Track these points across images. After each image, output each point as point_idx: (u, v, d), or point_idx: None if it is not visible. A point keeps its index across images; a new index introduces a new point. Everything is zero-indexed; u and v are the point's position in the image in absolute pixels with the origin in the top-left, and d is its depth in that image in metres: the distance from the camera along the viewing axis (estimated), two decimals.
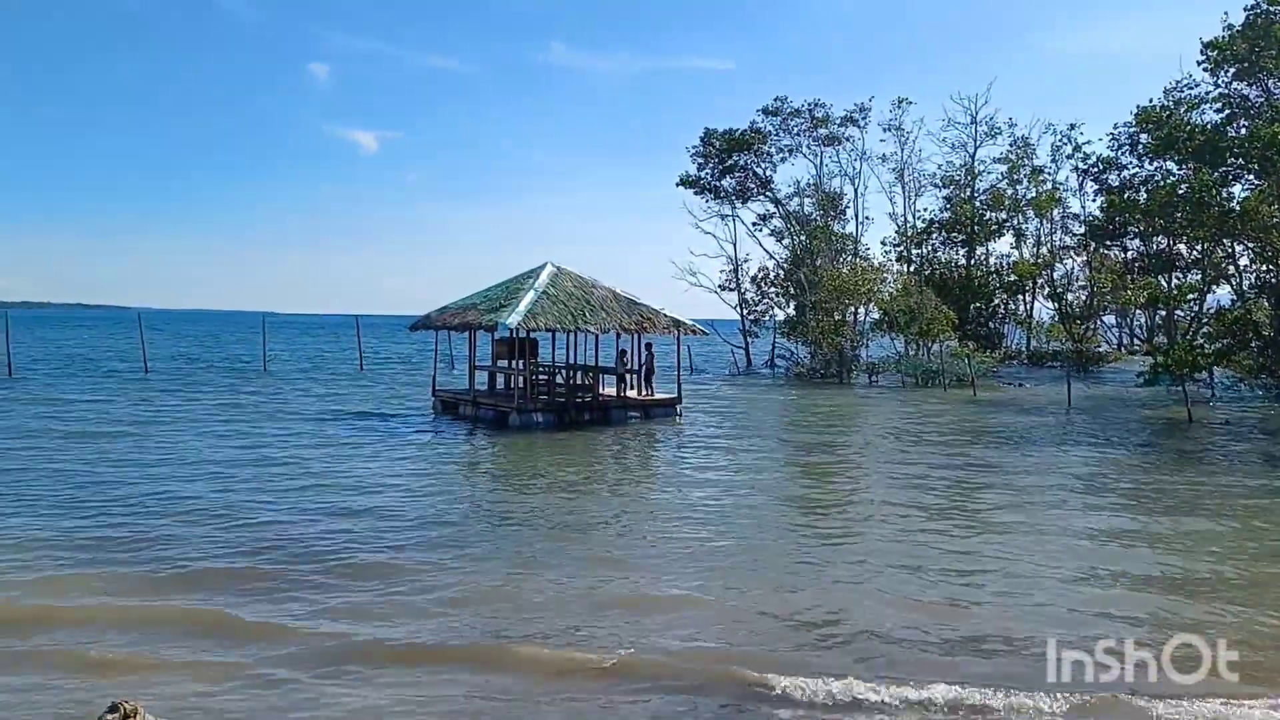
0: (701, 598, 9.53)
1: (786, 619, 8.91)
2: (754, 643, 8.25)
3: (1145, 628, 8.59)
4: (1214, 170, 34.81)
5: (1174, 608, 9.19)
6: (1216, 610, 9.05)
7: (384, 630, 8.43)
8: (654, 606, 9.25)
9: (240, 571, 10.25)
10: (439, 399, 26.85)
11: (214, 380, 36.97)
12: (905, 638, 8.32)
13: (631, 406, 25.62)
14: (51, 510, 13.01)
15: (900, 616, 8.87)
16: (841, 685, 7.01)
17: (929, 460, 18.74)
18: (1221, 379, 32.44)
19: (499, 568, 10.60)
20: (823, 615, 9.00)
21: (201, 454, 18.18)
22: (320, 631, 8.40)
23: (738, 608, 9.23)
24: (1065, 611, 9.00)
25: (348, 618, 8.76)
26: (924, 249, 52.49)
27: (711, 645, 8.19)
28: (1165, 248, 44.47)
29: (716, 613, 9.08)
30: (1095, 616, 8.85)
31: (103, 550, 10.96)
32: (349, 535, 11.88)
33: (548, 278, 24.45)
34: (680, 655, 7.85)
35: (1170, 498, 15.08)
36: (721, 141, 49.61)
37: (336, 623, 8.62)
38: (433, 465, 18.27)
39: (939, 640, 8.25)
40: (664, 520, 13.31)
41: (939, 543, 11.72)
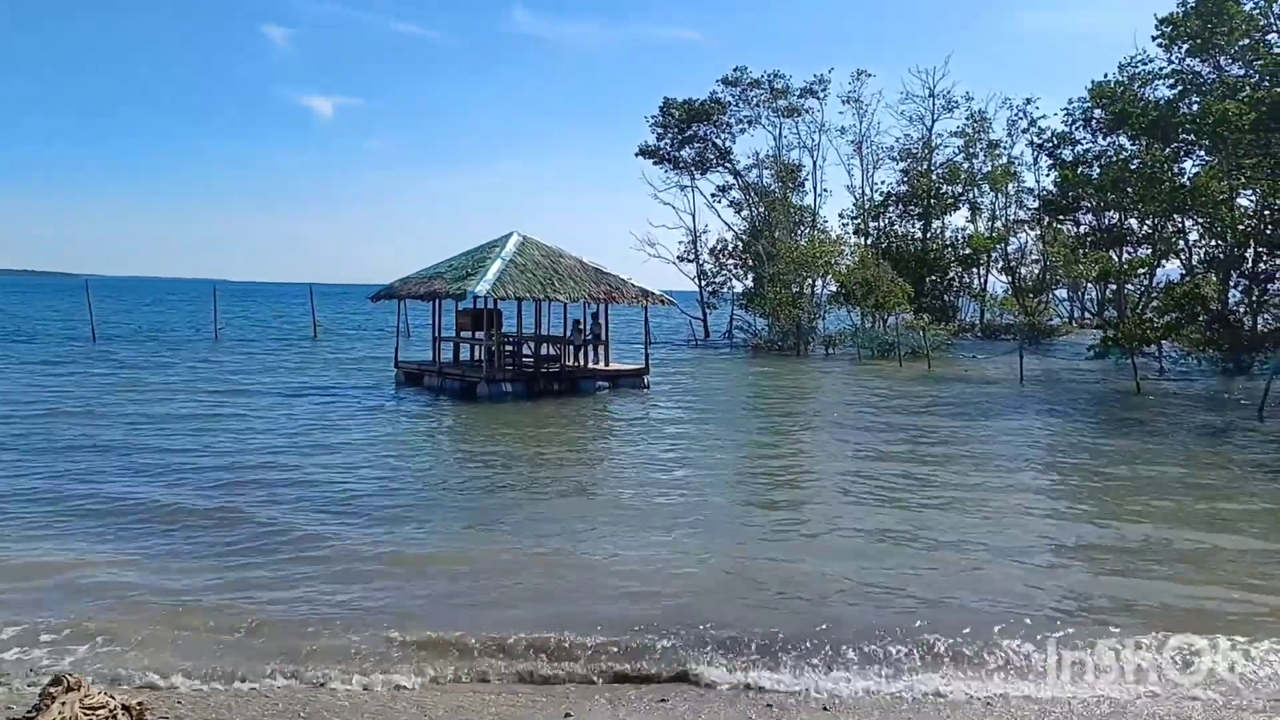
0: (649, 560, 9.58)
1: (736, 588, 8.89)
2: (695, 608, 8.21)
3: (1092, 600, 8.69)
4: (1166, 146, 35.59)
5: (1113, 575, 9.38)
6: (1159, 583, 9.20)
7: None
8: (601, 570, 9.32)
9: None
10: (402, 370, 26.54)
11: (163, 350, 36.21)
12: (848, 607, 8.31)
13: (600, 376, 25.62)
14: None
15: (847, 584, 8.90)
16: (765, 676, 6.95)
17: (883, 431, 18.94)
18: (1170, 352, 33.18)
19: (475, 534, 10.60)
20: (766, 584, 8.98)
21: (146, 433, 17.38)
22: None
23: (690, 572, 9.25)
24: (1014, 582, 9.05)
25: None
26: (881, 222, 53.00)
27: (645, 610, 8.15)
28: (1117, 222, 45.38)
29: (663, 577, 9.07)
30: (1033, 588, 8.90)
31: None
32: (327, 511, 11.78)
33: (514, 247, 24.26)
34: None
35: (1117, 466, 15.30)
36: (681, 111, 49.45)
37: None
38: (416, 435, 18.20)
39: (887, 610, 8.23)
40: (630, 486, 13.38)
41: (890, 512, 11.81)
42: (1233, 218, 32.87)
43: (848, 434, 18.69)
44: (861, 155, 52.24)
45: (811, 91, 49.23)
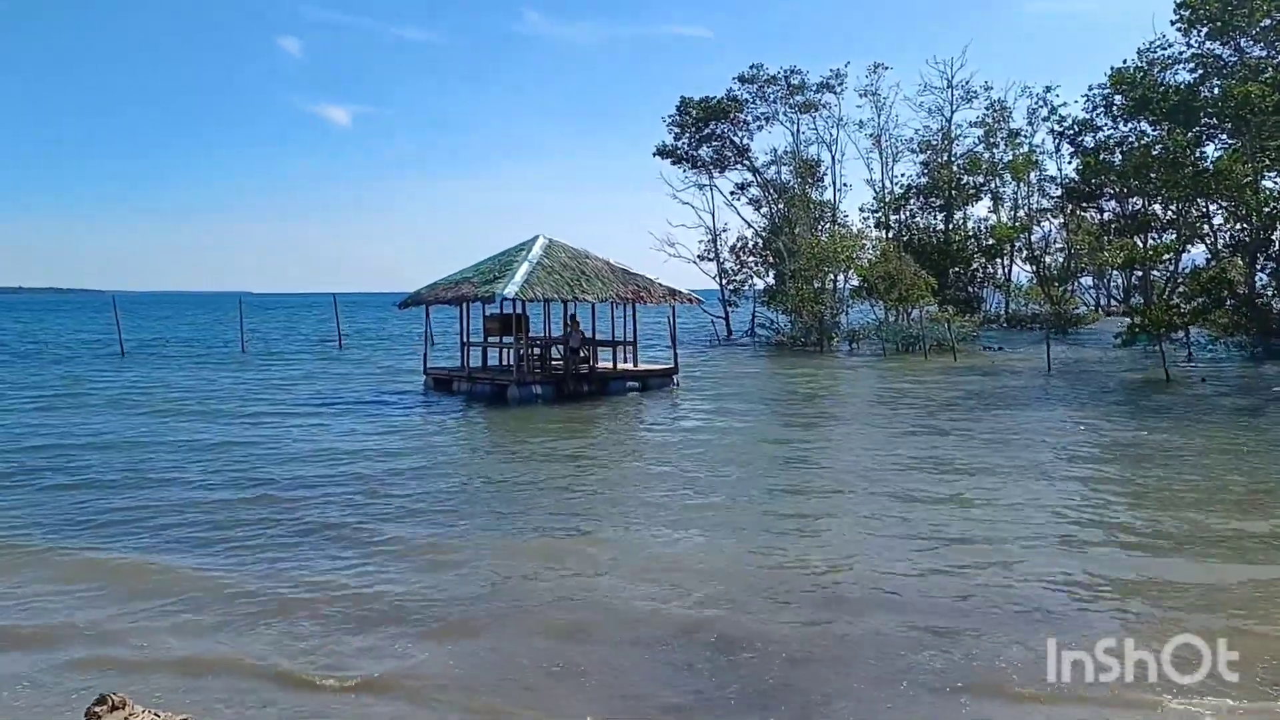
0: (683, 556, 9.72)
1: (767, 580, 8.98)
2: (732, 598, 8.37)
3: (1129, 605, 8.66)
4: (1188, 130, 35.30)
5: (1146, 566, 9.24)
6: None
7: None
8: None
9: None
10: (431, 376, 26.77)
11: (189, 362, 36.72)
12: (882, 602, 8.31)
13: (630, 377, 25.75)
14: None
15: (880, 579, 8.90)
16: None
17: (912, 425, 18.86)
18: (1198, 338, 32.99)
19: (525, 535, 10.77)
20: (800, 577, 9.04)
21: (180, 437, 17.86)
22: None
23: (720, 568, 9.36)
24: (1045, 578, 8.89)
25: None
26: (902, 215, 52.87)
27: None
28: (1141, 208, 45.05)
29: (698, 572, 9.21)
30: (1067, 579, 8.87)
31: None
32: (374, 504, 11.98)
33: (540, 249, 24.44)
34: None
35: (1148, 456, 15.19)
36: (698, 110, 49.57)
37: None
38: (452, 438, 18.48)
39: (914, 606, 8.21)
40: (662, 483, 13.47)
41: (921, 511, 11.61)
42: (1258, 200, 32.61)
43: (877, 429, 18.72)
44: (880, 148, 52.25)
45: (829, 86, 49.26)
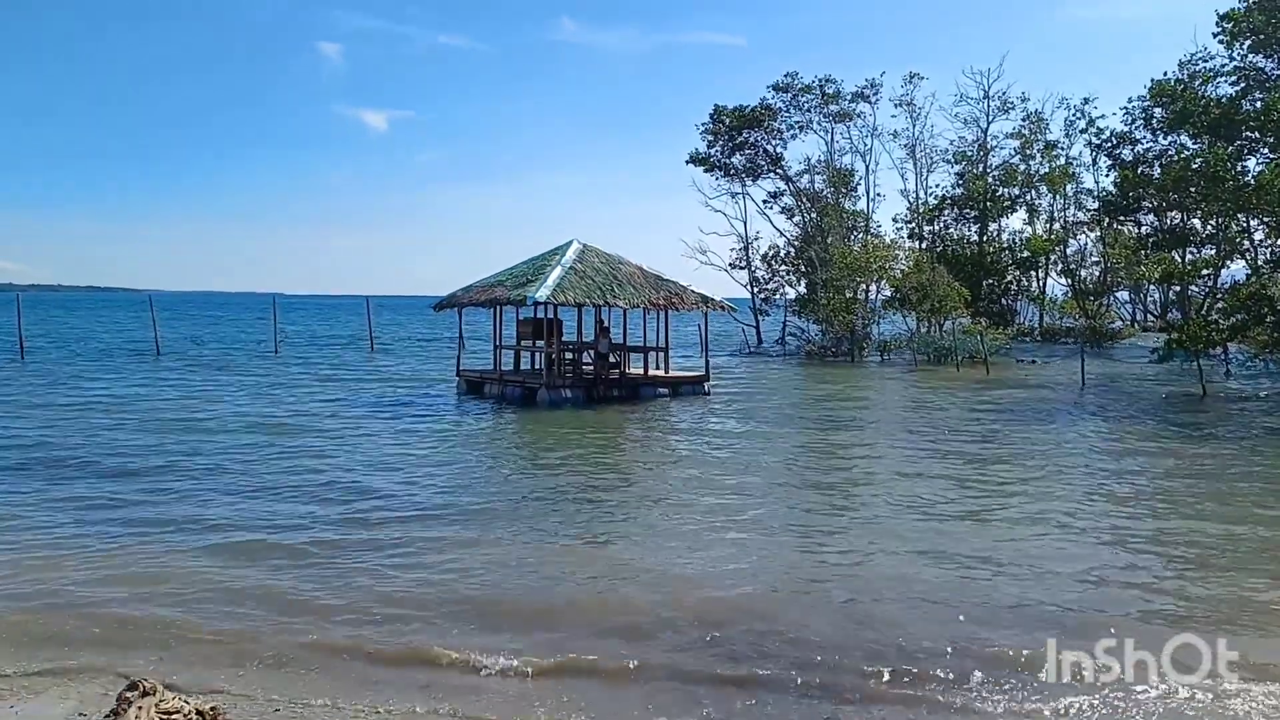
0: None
1: (794, 586, 9.02)
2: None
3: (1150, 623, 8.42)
4: (1229, 144, 34.75)
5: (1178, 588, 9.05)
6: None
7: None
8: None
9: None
10: (463, 378, 26.97)
11: (224, 361, 37.23)
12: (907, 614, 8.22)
13: (660, 383, 25.78)
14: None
15: (903, 589, 8.85)
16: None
17: (942, 437, 18.67)
18: (1236, 354, 32.52)
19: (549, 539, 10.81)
20: (833, 594, 8.91)
21: (215, 431, 18.28)
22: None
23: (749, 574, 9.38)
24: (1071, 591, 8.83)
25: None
26: (936, 225, 52.58)
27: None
28: (1179, 223, 44.54)
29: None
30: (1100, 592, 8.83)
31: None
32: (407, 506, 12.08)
33: (574, 254, 24.57)
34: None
35: (1182, 472, 14.94)
36: (731, 118, 49.52)
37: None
38: (484, 441, 18.65)
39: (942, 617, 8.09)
40: (694, 490, 13.44)
41: (950, 525, 11.47)
42: None
43: (907, 440, 18.55)
44: (915, 159, 51.98)
45: (863, 96, 49.16)
